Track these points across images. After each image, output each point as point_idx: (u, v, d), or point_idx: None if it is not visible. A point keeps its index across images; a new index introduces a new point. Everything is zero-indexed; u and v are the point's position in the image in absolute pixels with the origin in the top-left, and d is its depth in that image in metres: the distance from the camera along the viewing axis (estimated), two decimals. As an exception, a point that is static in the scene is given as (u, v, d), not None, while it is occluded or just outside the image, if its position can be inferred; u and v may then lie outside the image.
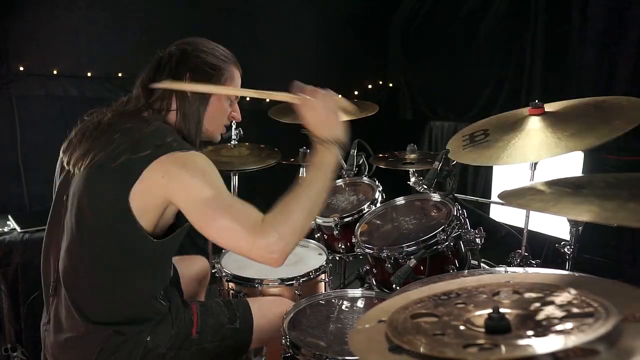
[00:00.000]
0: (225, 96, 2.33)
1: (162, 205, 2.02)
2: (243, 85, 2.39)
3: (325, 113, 2.10)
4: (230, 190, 3.86)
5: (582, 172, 3.73)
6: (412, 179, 3.09)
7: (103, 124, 2.14)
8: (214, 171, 2.03)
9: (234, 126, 3.82)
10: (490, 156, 2.28)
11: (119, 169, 1.98)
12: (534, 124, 2.31)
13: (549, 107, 2.42)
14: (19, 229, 3.79)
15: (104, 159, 2.02)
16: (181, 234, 2.19)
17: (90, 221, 2.04)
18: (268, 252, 1.88)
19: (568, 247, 2.48)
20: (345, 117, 2.19)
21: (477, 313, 1.17)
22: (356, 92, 6.60)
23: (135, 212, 1.98)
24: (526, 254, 2.70)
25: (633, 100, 2.20)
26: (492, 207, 4.16)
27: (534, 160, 2.53)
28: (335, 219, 3.21)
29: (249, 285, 2.80)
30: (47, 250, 2.28)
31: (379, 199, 3.30)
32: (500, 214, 3.89)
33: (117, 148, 2.02)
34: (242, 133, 3.89)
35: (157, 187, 1.97)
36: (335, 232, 3.23)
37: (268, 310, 2.51)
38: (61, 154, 2.24)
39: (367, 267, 2.94)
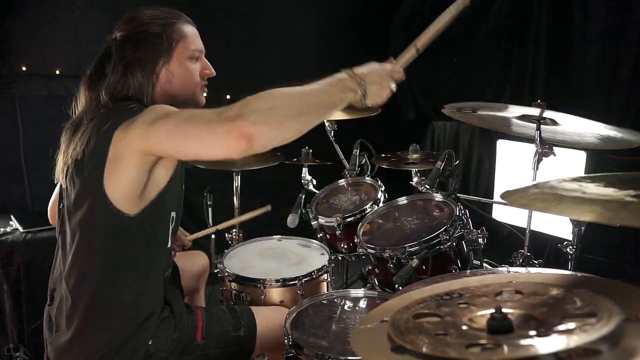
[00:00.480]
0: (183, 55, 2.20)
1: (140, 169, 1.96)
2: (240, 82, 2.35)
3: (384, 77, 2.09)
4: (233, 189, 3.87)
5: (585, 172, 3.73)
6: (415, 179, 3.10)
7: (68, 130, 2.14)
8: (170, 106, 1.97)
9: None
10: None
11: (92, 154, 1.97)
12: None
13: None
14: (21, 229, 3.79)
15: (80, 153, 2.01)
16: (162, 211, 2.15)
17: (80, 216, 2.04)
18: (240, 129, 1.64)
19: (570, 247, 2.48)
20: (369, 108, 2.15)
21: (480, 313, 1.17)
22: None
23: (110, 190, 1.96)
24: (528, 254, 2.70)
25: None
26: (495, 207, 4.16)
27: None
28: (338, 219, 3.21)
29: (251, 286, 2.79)
30: (55, 257, 2.28)
31: (382, 199, 3.30)
32: (503, 214, 3.89)
33: (89, 137, 2.00)
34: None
35: (124, 151, 1.92)
36: (338, 232, 3.23)
37: (272, 321, 2.50)
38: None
39: (370, 267, 2.94)
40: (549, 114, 2.44)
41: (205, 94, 2.37)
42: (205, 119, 1.73)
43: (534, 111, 2.44)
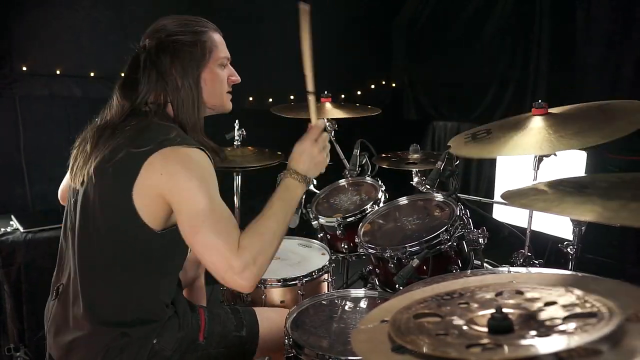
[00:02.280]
0: (215, 63, 2.26)
1: (164, 201, 2.00)
2: (243, 82, 2.37)
3: (321, 151, 2.20)
4: (233, 189, 3.86)
5: (585, 172, 3.73)
6: (415, 179, 3.09)
7: (92, 138, 2.14)
8: (211, 177, 2.02)
9: (236, 127, 3.81)
10: (491, 149, 2.27)
11: (120, 164, 1.98)
12: (537, 122, 2.31)
13: (553, 110, 2.41)
14: (22, 229, 3.79)
15: (105, 158, 2.03)
16: None
17: (97, 220, 2.05)
18: (242, 274, 1.88)
19: (571, 247, 2.47)
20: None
21: (480, 313, 1.17)
22: (359, 92, 6.60)
23: (139, 207, 1.98)
24: (529, 254, 2.69)
25: (636, 102, 2.20)
26: (495, 207, 4.16)
27: (534, 153, 2.52)
28: (338, 218, 3.21)
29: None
30: (60, 257, 2.28)
31: (382, 199, 3.30)
32: (503, 214, 3.89)
33: (116, 146, 2.02)
34: (245, 134, 3.89)
35: (156, 184, 1.96)
36: (338, 232, 3.22)
37: (274, 322, 2.50)
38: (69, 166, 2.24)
39: (370, 267, 2.94)
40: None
41: (231, 100, 2.42)
42: (225, 262, 1.90)
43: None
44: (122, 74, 2.25)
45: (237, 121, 3.83)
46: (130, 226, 2.01)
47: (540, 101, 2.38)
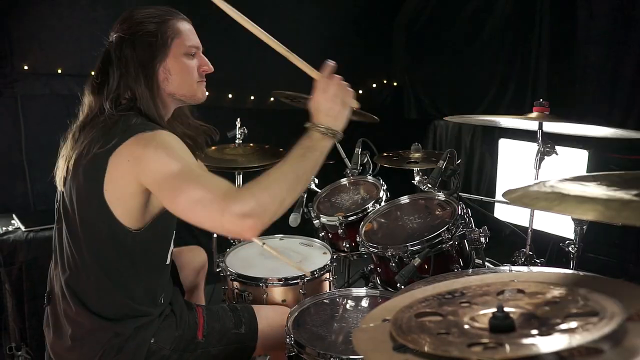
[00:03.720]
0: (179, 52, 2.19)
1: (138, 191, 1.97)
2: (243, 81, 2.35)
3: (334, 100, 2.02)
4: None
5: (587, 171, 3.73)
6: (417, 178, 3.09)
7: (70, 140, 2.14)
8: (180, 145, 1.98)
9: (238, 125, 3.81)
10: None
11: (90, 163, 1.98)
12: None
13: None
14: (23, 228, 3.79)
15: (75, 160, 2.04)
16: (165, 225, 2.17)
17: (77, 222, 2.06)
18: (242, 217, 1.73)
19: (572, 246, 2.48)
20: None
21: (482, 312, 1.17)
22: (360, 91, 6.59)
23: (112, 203, 1.97)
24: (530, 252, 2.70)
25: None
26: (497, 206, 4.16)
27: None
28: (340, 217, 3.21)
29: (253, 284, 2.79)
30: (54, 252, 2.29)
31: (384, 198, 3.30)
32: (505, 213, 3.89)
33: (84, 147, 2.01)
34: (246, 132, 3.89)
35: (126, 173, 1.93)
36: (340, 231, 3.23)
37: (274, 320, 2.51)
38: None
39: (372, 266, 2.94)
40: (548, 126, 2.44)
41: (206, 91, 2.35)
42: (218, 208, 1.76)
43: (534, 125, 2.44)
44: (93, 73, 2.22)
45: (238, 119, 3.83)
46: (107, 226, 2.00)
47: (541, 100, 2.38)
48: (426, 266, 2.55)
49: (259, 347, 2.45)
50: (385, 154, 3.70)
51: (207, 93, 2.36)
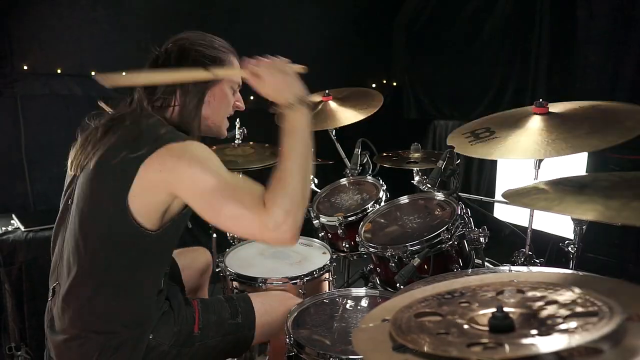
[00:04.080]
0: (227, 84, 2.30)
1: (167, 200, 2.01)
2: (243, 81, 2.37)
3: (275, 78, 2.10)
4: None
5: (586, 171, 3.73)
6: (416, 178, 3.09)
7: (103, 126, 2.14)
8: (212, 156, 2.02)
9: (237, 125, 3.81)
10: (499, 151, 2.27)
11: (117, 167, 1.98)
12: (537, 123, 2.31)
13: (552, 107, 2.41)
14: (22, 228, 3.79)
15: (103, 157, 2.03)
16: (180, 224, 2.18)
17: (92, 220, 2.05)
18: (278, 230, 1.86)
19: (572, 246, 2.47)
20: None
21: (481, 312, 1.17)
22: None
23: (135, 208, 1.98)
24: (530, 253, 2.69)
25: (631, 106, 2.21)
26: (496, 206, 4.16)
27: (543, 157, 2.51)
28: (340, 218, 3.21)
29: (253, 284, 2.80)
30: (55, 252, 2.28)
31: (383, 198, 3.30)
32: (504, 213, 3.89)
33: (116, 146, 2.02)
34: (245, 132, 3.89)
35: (157, 183, 1.95)
36: (340, 231, 3.23)
37: (271, 306, 2.50)
38: (68, 164, 2.24)
39: (371, 266, 2.94)
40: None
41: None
42: (254, 225, 1.88)
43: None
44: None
45: (237, 120, 3.83)
46: (124, 228, 2.00)
47: (541, 100, 2.38)
48: (426, 266, 2.55)
49: (257, 335, 2.45)
50: (384, 154, 3.70)
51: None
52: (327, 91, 3.82)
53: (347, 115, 3.67)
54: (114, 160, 1.99)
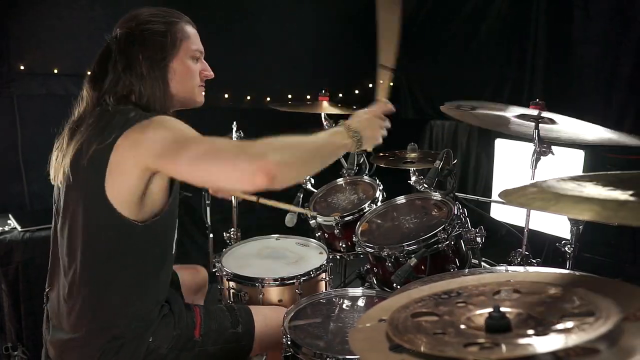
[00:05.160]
0: (185, 54, 2.22)
1: (138, 179, 1.97)
2: (240, 82, 2.36)
3: (374, 121, 2.16)
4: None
5: (583, 171, 3.73)
6: (413, 178, 3.09)
7: (67, 133, 2.14)
8: (181, 123, 1.97)
9: (234, 129, 3.81)
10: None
11: (89, 162, 1.96)
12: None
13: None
14: (19, 228, 3.79)
15: (75, 159, 2.02)
16: (167, 220, 2.16)
17: (80, 220, 2.04)
18: (259, 164, 1.73)
19: (569, 246, 2.48)
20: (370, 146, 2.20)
21: (478, 312, 1.17)
22: (357, 92, 6.59)
23: (113, 198, 1.96)
24: (527, 253, 2.70)
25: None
26: (493, 206, 4.16)
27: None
28: (336, 217, 3.22)
29: (249, 285, 2.79)
30: (52, 260, 2.27)
31: (380, 198, 3.30)
32: (501, 213, 3.89)
33: (84, 144, 2.00)
34: (242, 135, 3.89)
35: (127, 162, 1.93)
36: (336, 231, 3.23)
37: (270, 320, 2.51)
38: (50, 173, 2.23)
39: (368, 266, 2.94)
40: (546, 114, 2.43)
41: (203, 94, 2.38)
42: (228, 155, 1.79)
43: (532, 111, 2.44)
44: (91, 67, 2.22)
45: (234, 123, 3.83)
46: (110, 222, 2.00)
47: (537, 100, 2.38)
48: (422, 266, 2.55)
49: (255, 346, 2.45)
50: (381, 154, 3.70)
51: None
52: (323, 90, 3.82)
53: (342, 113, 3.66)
54: (85, 157, 1.97)
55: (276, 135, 1.87)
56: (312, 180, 3.75)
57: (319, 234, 3.43)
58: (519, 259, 2.69)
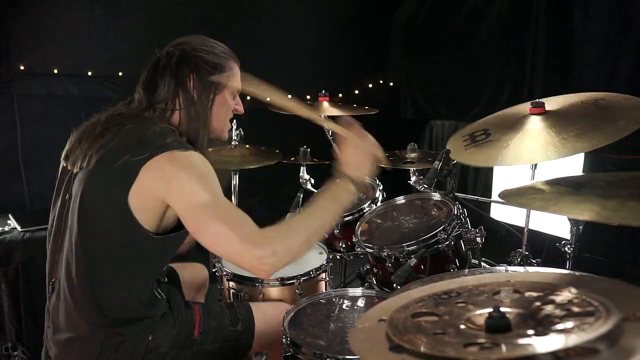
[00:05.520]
0: (229, 90, 2.31)
1: (161, 206, 2.01)
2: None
3: (363, 155, 2.15)
4: (231, 188, 3.86)
5: (583, 171, 3.73)
6: (413, 178, 3.09)
7: (102, 124, 2.14)
8: (212, 175, 2.03)
9: (234, 127, 3.81)
10: (495, 157, 2.26)
11: (119, 169, 1.98)
12: (535, 123, 2.30)
13: (548, 104, 2.40)
14: (19, 228, 3.79)
15: (104, 159, 2.03)
16: (182, 236, 2.18)
17: (91, 220, 2.05)
18: (259, 263, 1.85)
19: (568, 246, 2.47)
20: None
21: (478, 312, 1.17)
22: (357, 92, 6.60)
23: (135, 210, 1.98)
24: (527, 253, 2.69)
25: (631, 98, 2.19)
26: (493, 206, 4.16)
27: (540, 161, 2.51)
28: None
29: (249, 285, 2.80)
30: (53, 251, 2.27)
31: (380, 198, 3.30)
32: (501, 213, 3.89)
33: (118, 148, 2.02)
34: (242, 134, 3.88)
35: (155, 187, 1.96)
36: (336, 231, 3.23)
37: (270, 317, 2.51)
38: (62, 156, 2.24)
39: (368, 266, 2.94)
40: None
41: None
42: (241, 248, 1.87)
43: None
44: (144, 74, 2.27)
45: (234, 121, 3.83)
46: (125, 226, 2.01)
47: (538, 100, 2.38)
48: (422, 266, 2.55)
49: (255, 344, 2.45)
50: (381, 155, 3.69)
51: None
52: (323, 91, 3.82)
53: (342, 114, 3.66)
54: (115, 163, 1.99)
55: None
56: (312, 181, 3.75)
57: (319, 234, 3.43)
58: (518, 259, 2.69)
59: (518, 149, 2.21)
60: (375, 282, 2.84)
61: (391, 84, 7.04)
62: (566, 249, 2.47)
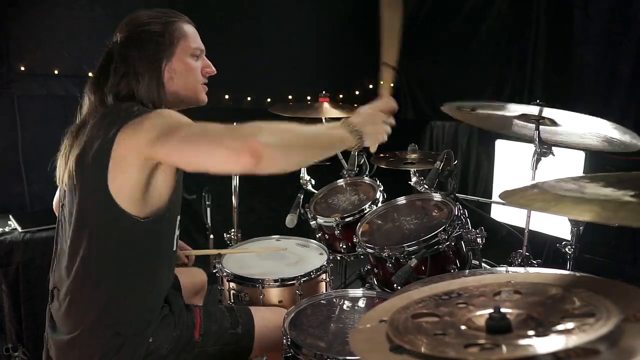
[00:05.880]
0: (185, 53, 2.24)
1: (142, 172, 1.97)
2: (241, 82, 2.36)
3: (377, 117, 2.15)
4: (231, 188, 3.86)
5: (584, 172, 3.73)
6: (413, 179, 3.10)
7: (71, 133, 2.16)
8: (179, 114, 1.99)
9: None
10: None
11: (94, 157, 1.98)
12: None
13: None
14: (20, 229, 3.79)
15: (79, 156, 2.03)
16: (168, 211, 2.15)
17: (83, 219, 2.05)
18: (247, 137, 1.72)
19: (569, 247, 2.48)
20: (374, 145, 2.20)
21: (478, 313, 1.17)
22: (357, 92, 6.59)
23: (117, 197, 1.97)
24: (527, 253, 2.70)
25: None
26: (493, 207, 4.16)
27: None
28: (337, 218, 3.22)
29: (250, 285, 2.79)
30: (55, 253, 2.28)
31: (380, 199, 3.30)
32: (502, 213, 3.89)
33: (87, 140, 2.02)
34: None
35: (129, 155, 1.93)
36: (337, 232, 3.23)
37: (270, 321, 2.51)
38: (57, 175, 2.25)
39: (368, 267, 2.94)
40: (548, 112, 2.43)
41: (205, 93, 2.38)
42: (217, 134, 1.79)
43: (533, 109, 2.44)
44: (94, 72, 2.24)
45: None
46: (113, 219, 2.00)
47: (538, 100, 2.38)
48: (423, 267, 2.55)
49: (255, 347, 2.45)
50: (381, 155, 3.70)
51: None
52: (323, 92, 3.82)
53: (342, 116, 3.66)
54: (90, 153, 1.99)
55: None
56: (313, 181, 3.75)
57: (320, 234, 3.43)
58: (519, 260, 2.69)
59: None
60: (375, 283, 2.84)
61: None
62: (567, 249, 2.48)
